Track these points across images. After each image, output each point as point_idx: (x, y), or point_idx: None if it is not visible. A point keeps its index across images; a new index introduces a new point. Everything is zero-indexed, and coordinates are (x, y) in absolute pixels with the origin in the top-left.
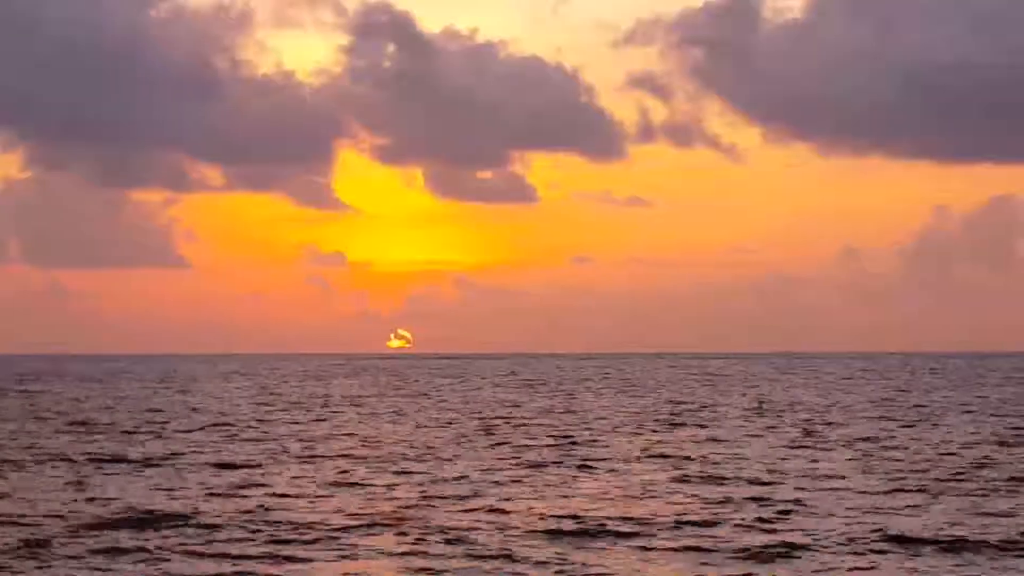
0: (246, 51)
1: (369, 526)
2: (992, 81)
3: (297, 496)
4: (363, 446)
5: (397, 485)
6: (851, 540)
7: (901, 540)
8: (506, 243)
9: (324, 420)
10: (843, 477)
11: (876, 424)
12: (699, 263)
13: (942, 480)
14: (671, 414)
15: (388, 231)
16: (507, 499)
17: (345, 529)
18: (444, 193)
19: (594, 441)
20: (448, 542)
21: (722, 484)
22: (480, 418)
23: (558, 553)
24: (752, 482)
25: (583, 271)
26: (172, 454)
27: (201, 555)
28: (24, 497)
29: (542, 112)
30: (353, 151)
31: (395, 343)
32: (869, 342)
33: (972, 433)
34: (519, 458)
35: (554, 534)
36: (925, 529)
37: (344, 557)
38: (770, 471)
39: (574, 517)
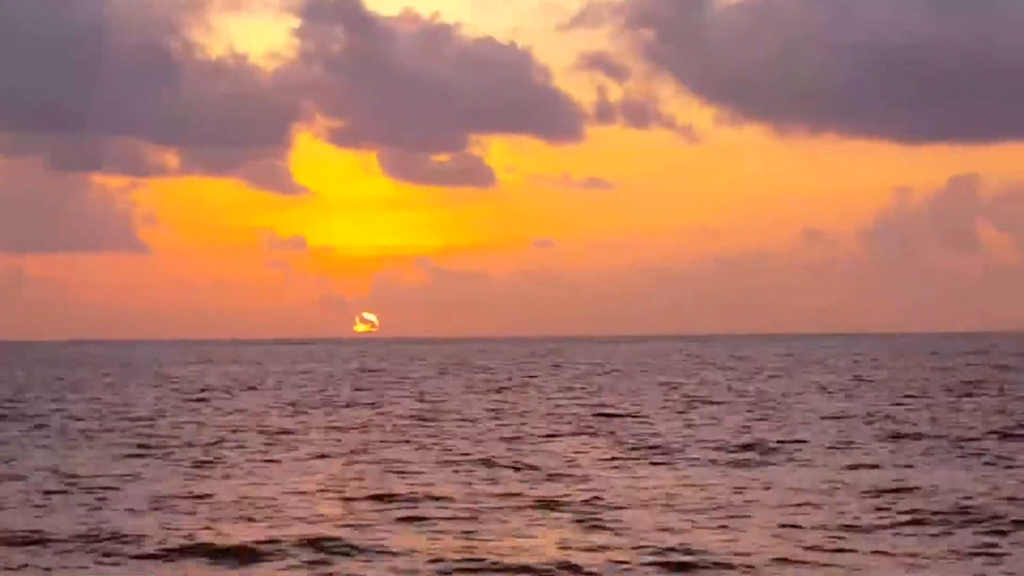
0: (198, 34)
1: None
2: (949, 60)
3: None
4: None
5: None
6: None
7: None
8: (467, 227)
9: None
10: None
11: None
12: (659, 245)
13: None
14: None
15: (347, 215)
16: None
17: None
18: (401, 176)
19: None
20: None
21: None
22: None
23: None
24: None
25: (545, 254)
26: None
27: None
28: None
29: (498, 94)
30: (309, 134)
31: (361, 328)
32: (830, 323)
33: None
34: None
35: None
36: None
37: None
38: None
39: None
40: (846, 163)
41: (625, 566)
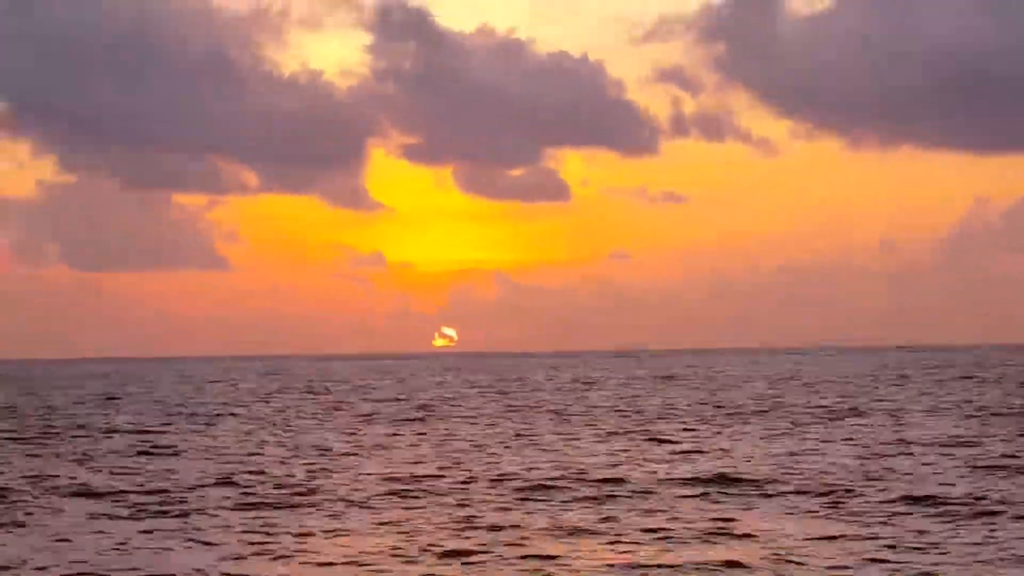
0: (273, 51)
1: None
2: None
3: None
4: None
5: None
6: None
7: None
8: (543, 241)
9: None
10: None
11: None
12: (733, 257)
13: None
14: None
15: (424, 231)
16: None
17: None
18: (476, 191)
19: None
20: None
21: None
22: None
23: None
24: None
25: (621, 267)
26: None
27: None
28: None
29: (572, 107)
30: (383, 151)
31: (440, 342)
32: (906, 334)
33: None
34: None
35: None
36: None
37: None
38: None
39: None
40: (921, 173)
41: None
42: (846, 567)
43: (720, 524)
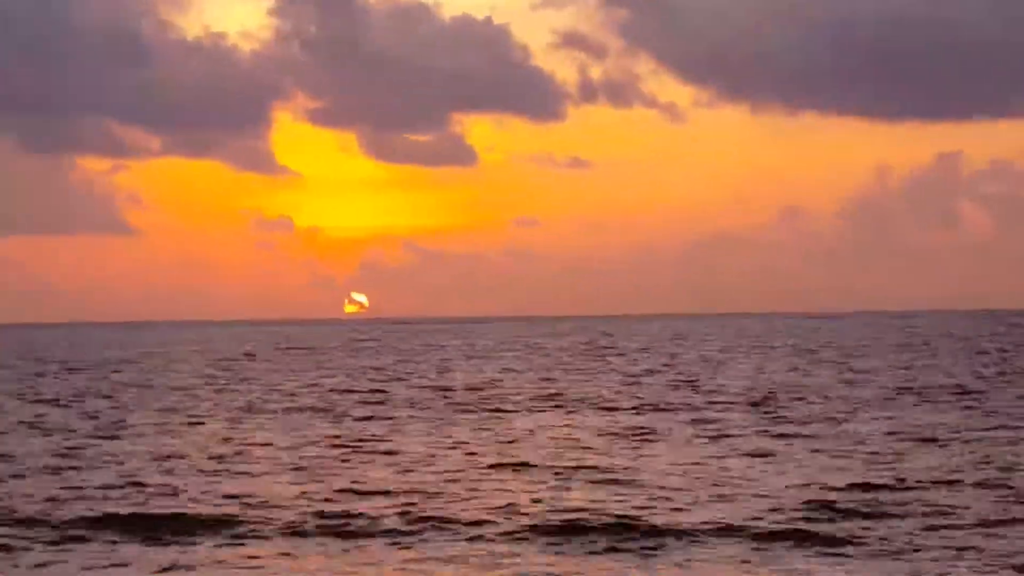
0: (174, 15)
1: None
2: (933, 37)
3: None
4: None
5: None
6: None
7: None
8: (450, 206)
9: None
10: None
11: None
12: (640, 224)
13: None
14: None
15: (331, 195)
16: None
17: None
18: (381, 156)
19: None
20: None
21: None
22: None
23: None
24: None
25: (528, 234)
26: None
27: None
28: None
29: (478, 73)
30: (288, 115)
31: (351, 308)
32: (815, 302)
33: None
34: None
35: None
36: None
37: None
38: None
39: None
40: (827, 141)
41: None
42: None
43: None
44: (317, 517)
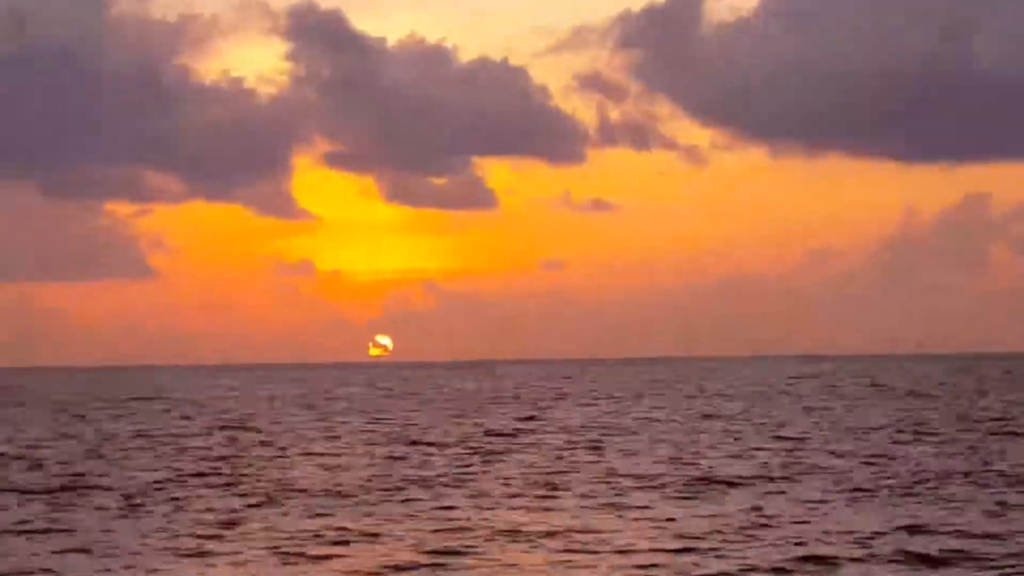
0: (193, 59)
1: None
2: (953, 83)
3: None
4: None
5: None
6: None
7: None
8: (473, 249)
9: None
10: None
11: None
12: (663, 267)
13: None
14: None
15: (351, 239)
16: None
17: None
18: (401, 199)
19: None
20: None
21: None
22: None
23: None
24: None
25: (556, 276)
26: None
27: None
28: None
29: (497, 115)
30: (307, 158)
31: (375, 351)
32: (838, 344)
33: None
34: None
35: None
36: None
37: None
38: None
39: None
40: (850, 183)
41: None
42: None
43: None
44: None
